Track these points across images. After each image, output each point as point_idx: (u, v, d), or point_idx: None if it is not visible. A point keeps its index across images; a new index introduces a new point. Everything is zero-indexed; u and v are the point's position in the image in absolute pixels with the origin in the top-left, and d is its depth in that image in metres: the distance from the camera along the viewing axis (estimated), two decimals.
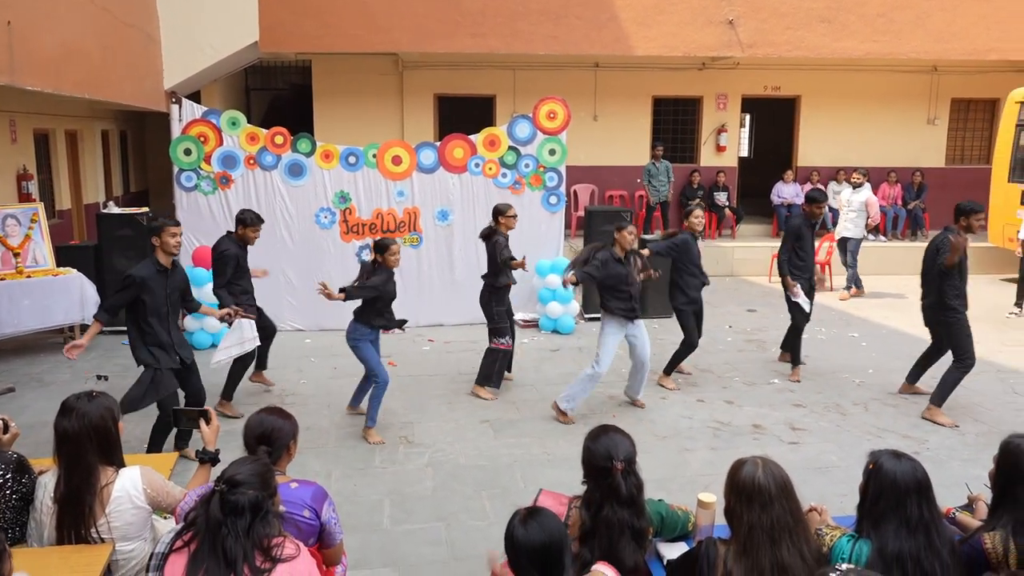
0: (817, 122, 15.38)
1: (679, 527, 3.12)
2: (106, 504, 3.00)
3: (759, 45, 13.35)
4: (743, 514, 2.56)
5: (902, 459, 2.75)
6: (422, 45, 12.89)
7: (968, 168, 15.48)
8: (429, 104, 14.73)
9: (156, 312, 5.42)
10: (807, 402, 7.16)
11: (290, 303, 9.43)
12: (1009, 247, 11.98)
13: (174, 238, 5.47)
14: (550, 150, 9.66)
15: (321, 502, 3.08)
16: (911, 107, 15.37)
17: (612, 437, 2.96)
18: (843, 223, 11.50)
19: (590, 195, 14.74)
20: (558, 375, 7.88)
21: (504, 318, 7.27)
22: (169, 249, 5.46)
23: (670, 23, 13.10)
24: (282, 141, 9.22)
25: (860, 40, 13.49)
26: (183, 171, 9.07)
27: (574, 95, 11.94)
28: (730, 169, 15.24)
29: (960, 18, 13.54)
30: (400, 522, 4.96)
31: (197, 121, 9.04)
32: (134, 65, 10.11)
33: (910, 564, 2.56)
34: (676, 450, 6.10)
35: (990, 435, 6.27)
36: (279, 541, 2.52)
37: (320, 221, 9.39)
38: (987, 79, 15.04)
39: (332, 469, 5.68)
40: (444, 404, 7.07)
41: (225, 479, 2.53)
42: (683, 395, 7.34)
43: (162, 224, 5.48)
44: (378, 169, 9.40)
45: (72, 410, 3.04)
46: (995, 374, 7.96)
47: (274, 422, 3.16)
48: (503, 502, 5.19)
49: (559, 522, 2.47)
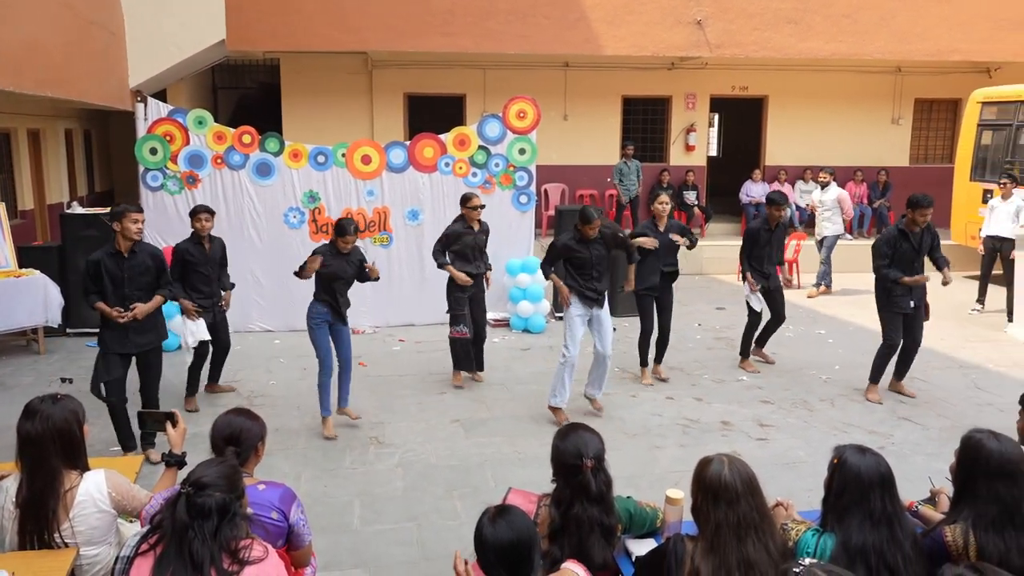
0: (784, 122, 15.57)
1: (647, 524, 3.15)
2: (70, 508, 2.96)
3: (727, 45, 13.48)
4: (710, 512, 2.59)
5: (866, 454, 2.80)
6: (391, 44, 12.85)
7: (931, 167, 15.75)
8: (399, 103, 14.69)
9: (113, 296, 5.48)
10: (775, 399, 7.24)
11: (258, 303, 9.34)
12: (971, 245, 12.21)
13: (135, 224, 5.45)
14: (520, 149, 9.67)
15: (289, 504, 3.06)
16: (876, 107, 15.61)
17: (581, 435, 2.98)
18: (821, 223, 11.61)
19: (560, 194, 14.79)
20: (529, 374, 7.89)
21: (460, 305, 7.34)
22: (129, 235, 5.46)
23: (639, 23, 13.18)
24: (250, 140, 9.13)
25: (826, 40, 13.67)
26: (149, 170, 8.95)
27: (544, 94, 11.97)
28: (699, 168, 15.37)
29: (923, 19, 13.77)
30: (370, 523, 4.94)
31: (163, 120, 8.93)
32: (98, 63, 9.95)
33: (873, 557, 2.60)
34: (646, 447, 6.14)
35: (953, 430, 6.38)
36: (247, 543, 2.51)
37: (289, 221, 9.31)
38: (950, 80, 15.32)
39: (302, 471, 5.64)
40: (414, 404, 7.05)
41: (192, 481, 2.51)
42: (653, 392, 7.39)
43: (123, 210, 5.47)
44: (347, 168, 9.35)
45: (36, 413, 2.99)
46: (958, 370, 8.11)
47: (242, 423, 3.14)
48: (474, 502, 5.18)
49: (528, 520, 2.47)
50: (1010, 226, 10.08)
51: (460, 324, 7.36)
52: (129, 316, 5.49)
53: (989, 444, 2.81)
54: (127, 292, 5.52)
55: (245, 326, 9.28)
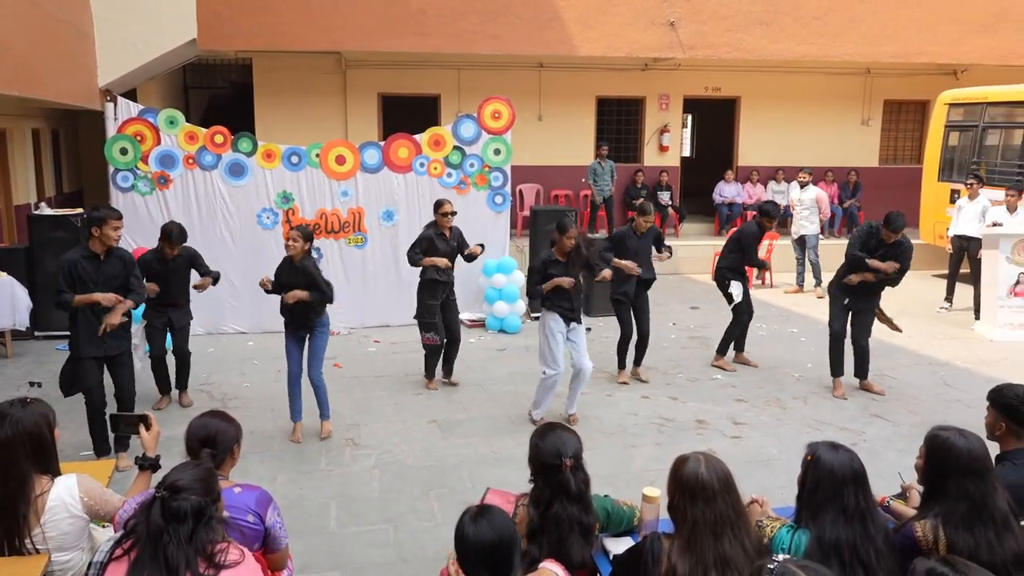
0: (756, 122, 15.72)
1: (624, 522, 3.16)
2: (41, 514, 2.92)
3: (699, 47, 13.57)
4: (687, 510, 2.60)
5: (839, 450, 2.84)
6: (365, 44, 12.78)
7: (900, 168, 15.98)
8: (373, 103, 14.62)
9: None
10: (748, 397, 7.30)
11: (232, 305, 9.26)
12: (939, 244, 12.40)
13: (116, 231, 5.43)
14: (495, 150, 9.67)
15: (265, 507, 3.04)
16: (846, 108, 15.80)
17: (560, 434, 2.99)
18: (799, 221, 11.69)
19: (535, 195, 14.81)
20: (505, 375, 7.90)
21: (431, 313, 7.33)
22: (108, 241, 5.43)
23: (612, 24, 13.23)
24: (222, 140, 9.05)
25: (796, 42, 13.81)
26: (119, 171, 8.84)
27: (518, 95, 11.97)
28: (673, 169, 15.46)
29: (892, 22, 13.96)
30: (347, 525, 4.92)
31: (133, 120, 8.83)
32: (66, 62, 9.80)
33: (847, 552, 2.64)
34: (622, 446, 6.17)
35: (923, 426, 6.39)
36: (223, 547, 2.48)
37: (262, 222, 9.24)
38: (918, 81, 15.54)
39: (277, 473, 5.61)
40: (390, 405, 7.03)
41: (166, 485, 2.48)
42: (629, 392, 7.42)
43: (105, 216, 5.40)
44: (321, 169, 9.29)
45: (5, 417, 2.95)
46: (927, 367, 8.24)
47: (218, 425, 3.11)
48: (451, 502, 5.18)
49: (509, 520, 2.48)
50: (977, 226, 10.26)
51: (430, 331, 7.38)
52: (101, 329, 5.42)
53: (957, 442, 2.86)
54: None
55: (218, 328, 9.20)
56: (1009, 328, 9.40)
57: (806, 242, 11.76)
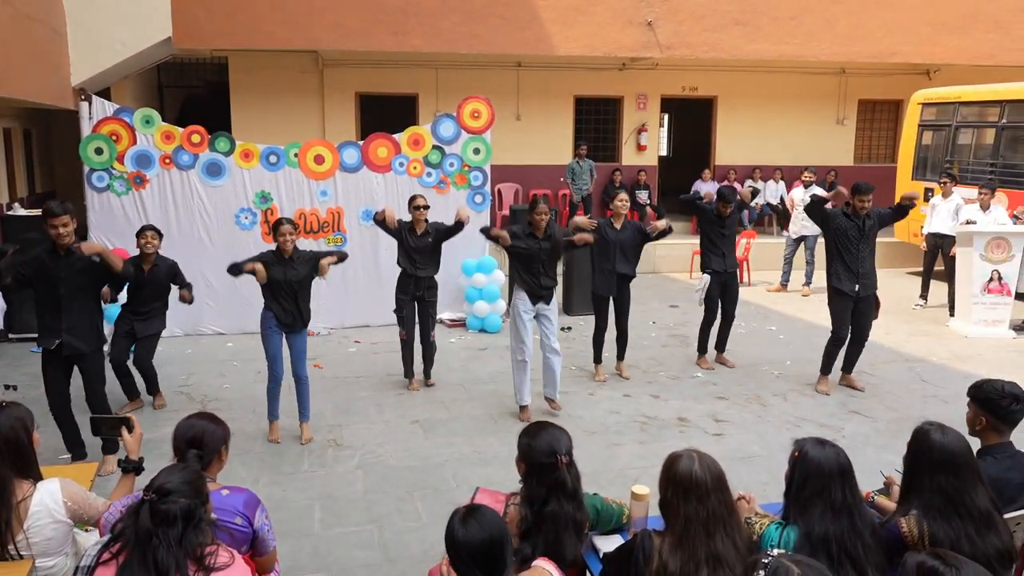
0: (733, 122, 15.84)
1: (614, 520, 3.17)
2: (24, 519, 2.87)
3: (677, 46, 13.64)
4: (680, 507, 2.61)
5: (825, 446, 2.86)
6: (342, 43, 12.71)
7: (875, 167, 16.17)
8: (351, 103, 14.55)
9: (45, 294, 5.26)
10: (729, 394, 7.35)
11: (210, 306, 9.17)
12: (914, 242, 12.55)
13: (55, 230, 5.09)
14: (474, 149, 9.66)
15: (254, 509, 3.02)
16: (821, 107, 15.97)
17: (551, 432, 3.00)
18: (799, 221, 11.63)
19: (514, 194, 14.82)
20: (487, 374, 7.90)
21: (399, 307, 7.36)
22: (55, 239, 5.14)
23: (591, 24, 13.26)
24: (199, 140, 8.96)
25: (773, 42, 13.93)
26: (94, 171, 8.73)
27: (497, 94, 11.97)
28: (651, 168, 15.54)
29: (866, 22, 14.12)
30: (331, 526, 4.89)
31: (109, 119, 8.72)
32: (38, 60, 9.65)
33: (835, 546, 2.66)
34: (604, 444, 6.18)
35: (901, 422, 6.57)
36: (212, 549, 2.46)
37: (240, 222, 9.16)
38: (892, 81, 15.74)
39: (259, 475, 5.56)
40: (372, 405, 7.00)
41: (155, 488, 2.45)
42: (610, 390, 7.45)
43: (43, 213, 5.18)
44: (300, 168, 9.23)
45: None
46: (904, 363, 8.34)
47: (205, 426, 3.08)
48: (435, 502, 5.17)
49: (499, 518, 2.47)
50: (950, 223, 10.40)
51: (401, 325, 7.43)
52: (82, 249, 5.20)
53: (933, 437, 2.91)
54: (62, 292, 5.23)
55: (196, 329, 9.11)
56: (983, 324, 9.53)
57: (805, 242, 11.77)
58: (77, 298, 5.32)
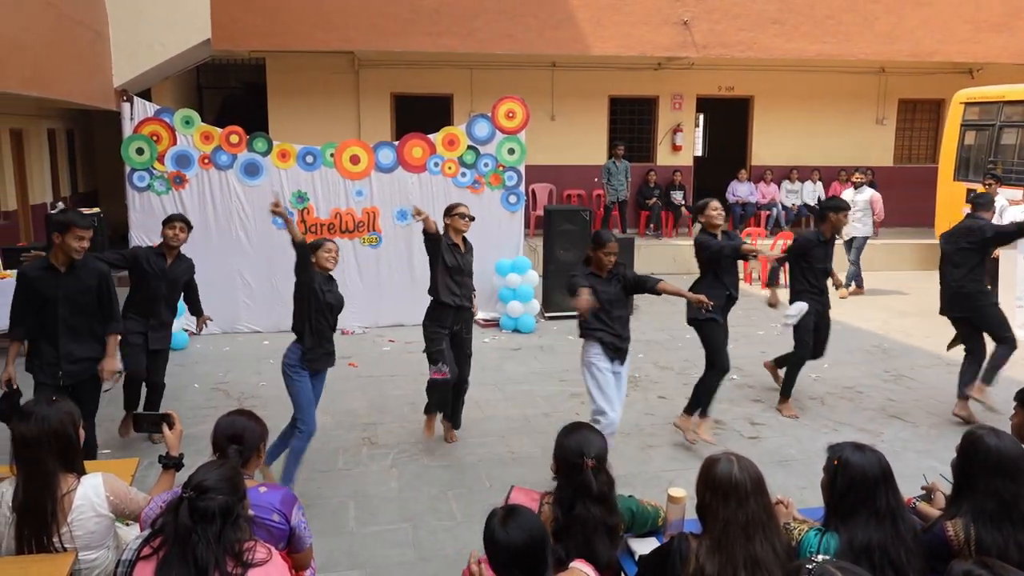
0: (770, 122, 15.66)
1: (649, 522, 3.15)
2: (68, 512, 2.92)
3: (713, 46, 13.53)
4: (718, 510, 2.59)
5: (864, 451, 2.81)
6: (377, 44, 12.79)
7: (915, 167, 15.89)
8: (386, 103, 14.64)
9: (42, 318, 4.73)
10: (765, 397, 7.27)
11: (247, 304, 9.29)
12: None
13: (79, 242, 4.63)
14: (509, 149, 9.67)
15: (290, 506, 3.04)
16: (860, 107, 15.73)
17: (584, 434, 2.98)
18: (852, 223, 11.33)
19: (548, 194, 14.79)
20: (520, 374, 7.89)
21: (438, 341, 5.87)
22: (69, 252, 4.65)
23: (626, 23, 13.20)
24: (237, 140, 9.08)
25: (810, 41, 13.76)
26: (135, 171, 8.88)
27: (531, 94, 11.96)
28: (685, 168, 15.43)
29: (905, 21, 13.89)
30: (366, 524, 4.92)
31: (150, 120, 8.86)
32: (82, 62, 9.85)
33: (877, 553, 2.62)
34: (639, 447, 6.15)
35: (942, 427, 6.44)
36: (250, 545, 2.49)
37: (277, 221, 9.23)
38: (933, 80, 15.45)
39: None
40: (406, 405, 7.03)
41: (193, 485, 2.48)
42: (644, 392, 7.40)
43: (70, 222, 4.65)
44: (336, 168, 9.31)
45: (31, 415, 2.95)
46: (945, 367, 8.18)
47: (245, 423, 3.12)
48: (469, 502, 5.18)
49: (538, 519, 2.47)
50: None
51: (439, 363, 5.85)
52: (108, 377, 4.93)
53: (988, 440, 2.84)
54: (60, 314, 4.72)
55: (234, 327, 9.23)
56: None
57: (854, 243, 11.59)
58: (80, 319, 4.82)
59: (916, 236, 13.88)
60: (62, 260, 4.71)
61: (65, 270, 4.72)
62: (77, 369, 4.84)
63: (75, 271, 4.74)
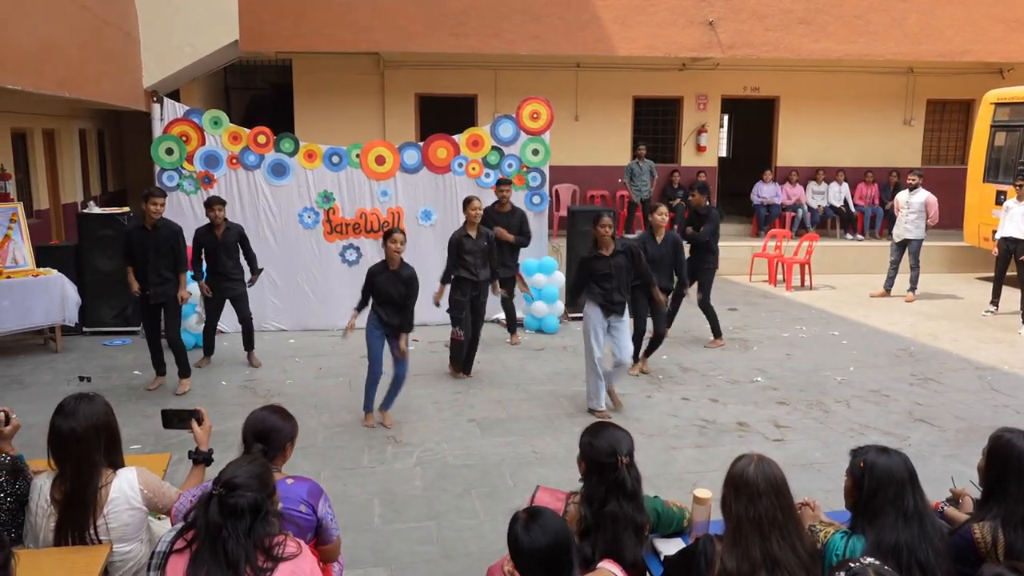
0: (796, 122, 15.55)
1: (675, 523, 3.16)
2: (103, 505, 2.98)
3: (739, 46, 13.47)
4: (731, 505, 2.63)
5: (890, 453, 2.81)
6: (403, 45, 12.87)
7: (944, 168, 15.70)
8: (410, 104, 14.72)
9: (139, 259, 6.95)
10: (790, 400, 7.23)
11: (273, 303, 9.38)
12: (985, 247, 12.17)
13: (156, 207, 6.89)
14: (533, 150, 9.69)
15: (317, 498, 3.09)
16: (888, 108, 15.57)
17: (613, 433, 3.00)
18: (903, 225, 11.24)
19: (572, 195, 14.79)
20: (544, 374, 7.91)
21: (459, 309, 7.67)
22: (150, 215, 6.86)
23: (651, 24, 13.18)
24: (265, 141, 9.17)
25: (837, 41, 13.65)
26: (165, 170, 9.00)
27: (555, 95, 11.97)
28: (710, 169, 15.36)
29: (935, 20, 13.74)
30: (391, 521, 4.96)
31: (179, 120, 8.98)
32: (113, 64, 10.00)
33: (905, 553, 2.61)
34: (662, 448, 6.14)
35: (970, 431, 6.38)
36: (280, 540, 2.52)
37: (303, 221, 9.35)
38: (962, 80, 15.27)
39: (321, 469, 5.66)
40: (431, 403, 7.07)
41: (223, 482, 2.51)
42: (668, 393, 7.39)
43: (149, 194, 6.93)
44: (361, 169, 9.38)
45: (75, 411, 3.00)
46: (973, 371, 8.09)
47: (275, 422, 3.16)
48: (493, 501, 5.20)
49: (561, 521, 2.48)
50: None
51: (457, 327, 7.69)
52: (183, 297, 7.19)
53: (1020, 444, 2.83)
54: (149, 257, 6.92)
55: (260, 325, 9.28)
56: None
57: (909, 246, 11.35)
58: (162, 262, 6.97)
59: (945, 239, 13.71)
60: (149, 222, 6.91)
61: (151, 228, 6.91)
62: (161, 291, 7.00)
63: (158, 229, 6.94)
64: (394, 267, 6.29)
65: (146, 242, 6.91)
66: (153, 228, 6.93)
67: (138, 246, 6.94)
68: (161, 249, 6.93)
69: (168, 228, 7.04)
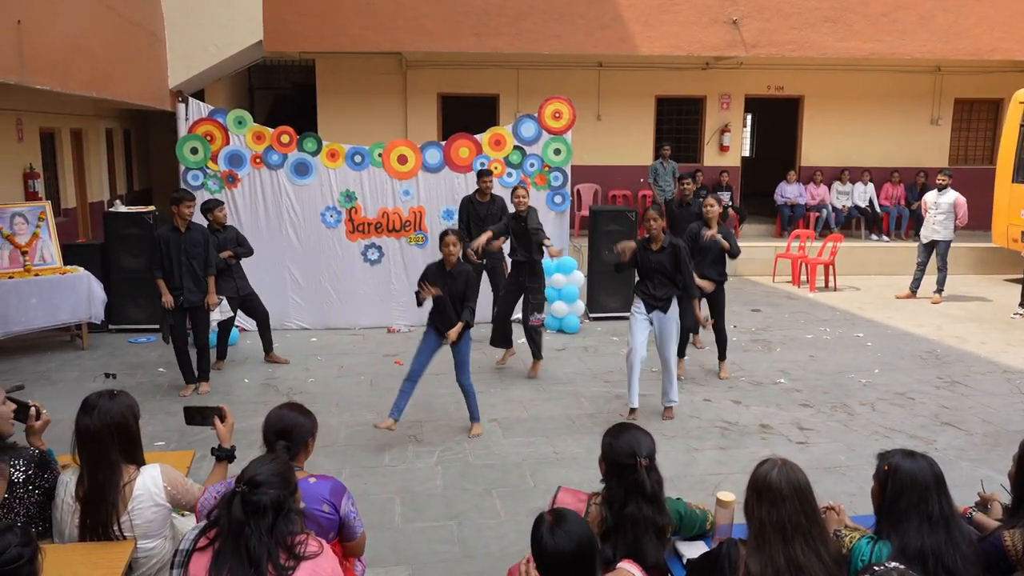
0: (820, 122, 15.40)
1: (697, 526, 3.14)
2: (127, 502, 3.01)
3: (763, 45, 13.36)
4: (754, 509, 2.60)
5: (916, 457, 2.77)
6: (426, 44, 12.90)
7: (972, 168, 15.48)
8: (433, 103, 14.74)
9: (171, 261, 6.99)
10: (814, 402, 7.17)
11: (295, 302, 9.44)
12: (1014, 248, 12.00)
13: (188, 209, 7.00)
14: (555, 150, 9.67)
15: (340, 496, 3.09)
16: (914, 107, 15.39)
17: (634, 434, 2.98)
18: (931, 226, 11.11)
19: (593, 195, 14.76)
20: (565, 375, 7.89)
21: (536, 292, 7.82)
22: (183, 216, 6.98)
23: (674, 23, 13.11)
24: (288, 140, 9.23)
25: (864, 40, 13.51)
26: (190, 170, 9.08)
27: (577, 95, 11.95)
28: (733, 169, 15.26)
29: (963, 18, 13.56)
30: (411, 520, 4.97)
31: (204, 120, 9.05)
32: (139, 64, 10.10)
33: (931, 559, 2.57)
34: (684, 449, 6.11)
35: (998, 435, 6.28)
36: (302, 538, 2.53)
37: (326, 220, 9.39)
38: (991, 79, 15.06)
39: (342, 468, 5.69)
40: (451, 403, 7.07)
41: (246, 480, 2.53)
42: (690, 395, 7.34)
43: (181, 197, 7.05)
44: (384, 168, 9.41)
45: (94, 408, 3.04)
46: (1001, 375, 7.98)
47: (294, 418, 3.18)
48: (514, 501, 5.19)
49: (585, 524, 2.47)
50: None
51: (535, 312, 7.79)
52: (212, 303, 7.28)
53: None
54: (181, 259, 7.01)
55: (282, 324, 9.37)
56: None
57: (937, 247, 11.19)
58: (194, 263, 7.06)
59: (972, 240, 13.53)
60: (180, 224, 7.00)
61: (184, 231, 7.01)
62: (192, 297, 7.06)
63: (191, 231, 7.06)
64: (450, 267, 6.14)
65: (180, 244, 7.02)
66: (186, 230, 7.05)
67: (172, 248, 7.03)
68: (193, 252, 7.05)
69: (199, 230, 7.17)
